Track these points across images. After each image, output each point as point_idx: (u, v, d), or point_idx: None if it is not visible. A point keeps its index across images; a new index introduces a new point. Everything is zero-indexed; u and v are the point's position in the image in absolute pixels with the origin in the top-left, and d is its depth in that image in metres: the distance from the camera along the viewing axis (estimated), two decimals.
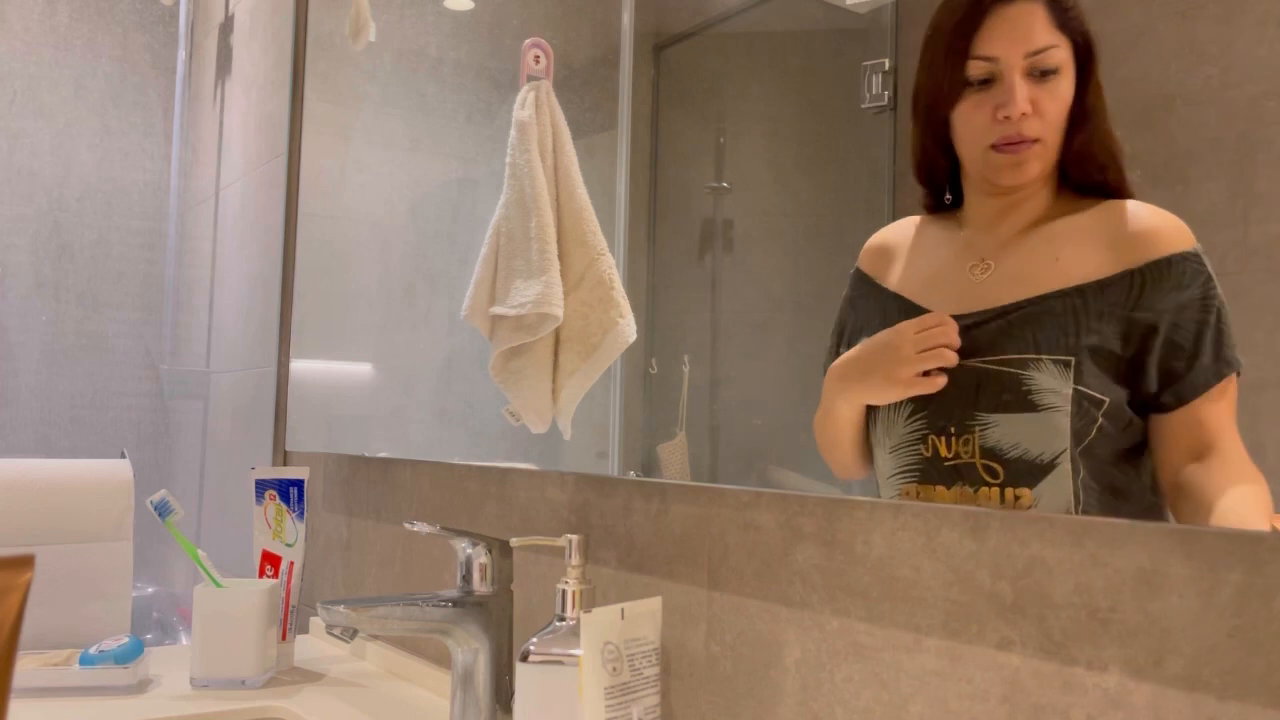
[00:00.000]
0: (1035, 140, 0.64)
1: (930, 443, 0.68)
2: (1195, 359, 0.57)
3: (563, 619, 0.88)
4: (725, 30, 0.89)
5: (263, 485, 1.40)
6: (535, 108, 1.04)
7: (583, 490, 1.04)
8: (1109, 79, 0.60)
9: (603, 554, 1.00)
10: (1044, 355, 0.62)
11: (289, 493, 1.39)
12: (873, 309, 0.71)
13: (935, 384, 0.67)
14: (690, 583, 0.90)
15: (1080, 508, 0.60)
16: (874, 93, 0.73)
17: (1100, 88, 0.61)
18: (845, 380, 0.73)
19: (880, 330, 0.70)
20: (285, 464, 1.78)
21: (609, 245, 0.99)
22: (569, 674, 0.84)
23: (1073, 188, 0.63)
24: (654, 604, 0.84)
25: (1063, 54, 0.62)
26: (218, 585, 1.25)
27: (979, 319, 0.66)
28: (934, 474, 0.67)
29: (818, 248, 0.79)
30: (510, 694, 1.00)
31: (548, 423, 1.04)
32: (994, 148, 0.65)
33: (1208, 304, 0.56)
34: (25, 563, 0.67)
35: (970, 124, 0.66)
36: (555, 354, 1.03)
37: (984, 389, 0.64)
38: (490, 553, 1.01)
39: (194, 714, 1.12)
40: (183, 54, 2.42)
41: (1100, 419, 0.59)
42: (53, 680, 1.18)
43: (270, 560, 1.38)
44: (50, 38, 2.29)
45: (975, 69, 0.65)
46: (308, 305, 1.64)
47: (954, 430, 0.66)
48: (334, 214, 1.57)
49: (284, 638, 1.33)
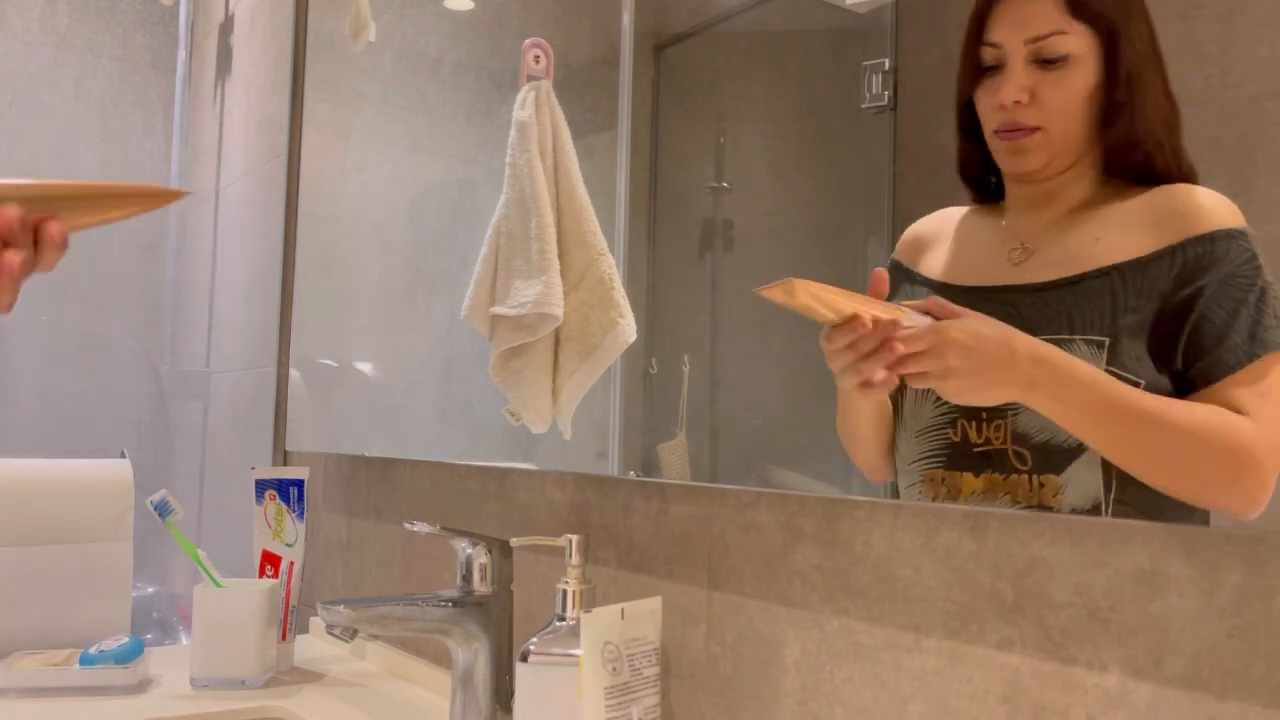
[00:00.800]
0: (1035, 129, 0.63)
1: (960, 427, 0.66)
2: (1226, 338, 0.55)
3: (563, 619, 0.88)
4: (725, 30, 0.89)
5: (263, 485, 1.40)
6: (535, 108, 1.04)
7: (583, 490, 1.04)
8: None
9: (603, 554, 1.00)
10: (1077, 335, 0.60)
11: (289, 493, 1.39)
12: (909, 296, 0.71)
13: (874, 391, 0.65)
14: (690, 583, 0.90)
15: (1113, 495, 0.59)
16: (874, 93, 0.73)
17: (1137, 77, 0.59)
18: None
19: None
20: (285, 464, 1.78)
21: (609, 245, 0.99)
22: (569, 674, 0.84)
23: (1121, 175, 0.61)
24: (654, 604, 0.84)
25: (1074, 42, 0.61)
26: (218, 585, 1.25)
27: (1013, 298, 0.64)
28: (962, 460, 0.66)
29: (818, 248, 0.79)
30: (510, 694, 1.00)
31: (548, 423, 1.04)
32: (996, 133, 0.65)
33: (1250, 283, 0.54)
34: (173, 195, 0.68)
35: (982, 110, 0.66)
36: (555, 354, 1.03)
37: None
38: (490, 553, 1.01)
39: (194, 714, 1.12)
40: (183, 54, 2.42)
41: None
42: (53, 680, 1.18)
43: (270, 560, 1.38)
44: (50, 38, 2.29)
45: (986, 55, 0.65)
46: (308, 305, 1.64)
47: (985, 414, 0.64)
48: (334, 214, 1.57)
49: (284, 638, 1.33)
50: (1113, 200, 0.61)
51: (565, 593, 0.88)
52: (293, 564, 1.37)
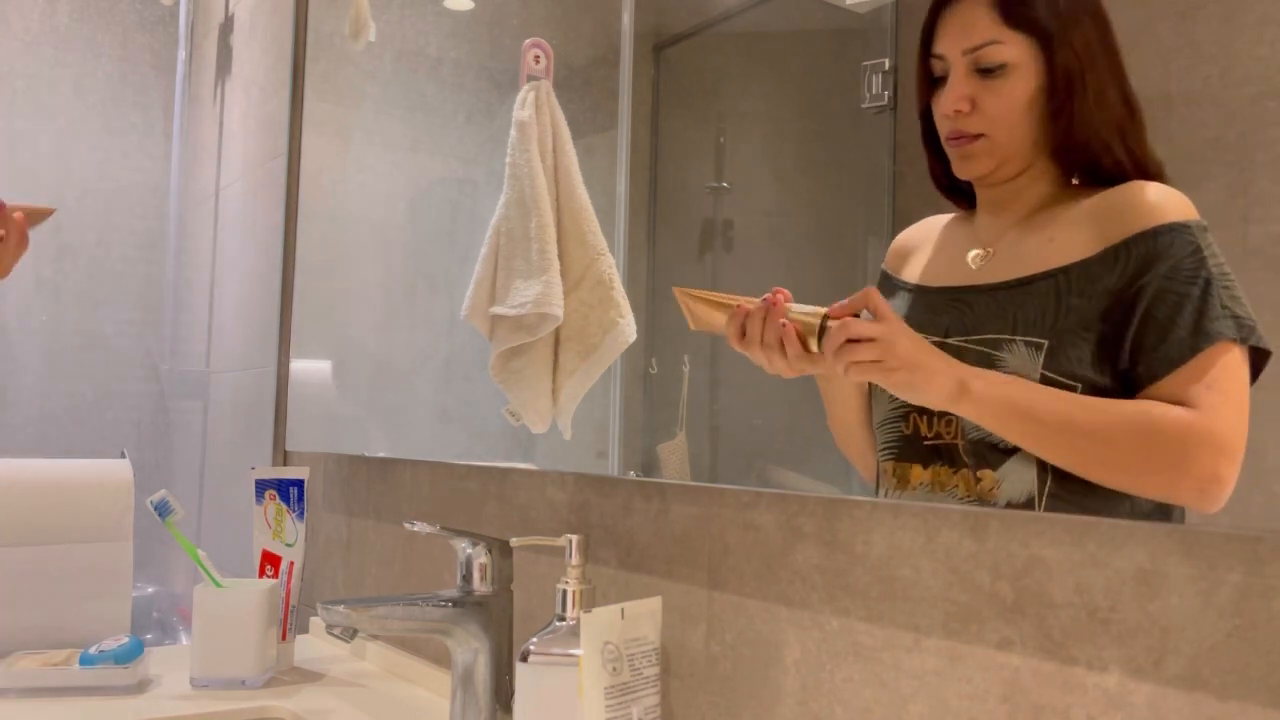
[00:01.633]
0: (978, 135, 0.65)
1: (911, 420, 0.68)
2: (1170, 333, 0.56)
3: (563, 619, 0.88)
4: (725, 30, 0.89)
5: (263, 485, 1.40)
6: (535, 108, 1.04)
7: (583, 490, 1.04)
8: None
9: (603, 554, 1.00)
10: (1018, 336, 0.62)
11: (289, 493, 1.39)
12: (894, 303, 0.72)
13: (786, 368, 0.69)
14: (690, 583, 0.90)
15: (1046, 492, 0.60)
16: (874, 93, 0.73)
17: (1077, 81, 0.60)
18: None
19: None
20: (285, 464, 1.78)
21: (609, 245, 0.99)
22: (569, 674, 0.84)
23: (1081, 176, 0.62)
24: (654, 604, 0.84)
25: (1010, 50, 0.63)
26: (218, 585, 1.25)
27: (964, 297, 0.66)
28: (911, 452, 0.68)
29: (818, 248, 0.79)
30: (510, 694, 1.00)
31: (548, 423, 1.04)
32: (946, 141, 0.67)
33: (1193, 276, 0.55)
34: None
35: (935, 119, 0.67)
36: (555, 354, 1.03)
37: None
38: (490, 553, 1.01)
39: (194, 714, 1.12)
40: (183, 54, 2.42)
41: None
42: (53, 680, 1.18)
43: (270, 560, 1.38)
44: (50, 38, 2.29)
45: (935, 66, 0.67)
46: (308, 305, 1.64)
47: (936, 409, 0.66)
48: (334, 214, 1.57)
49: (284, 638, 1.33)
50: (1070, 201, 0.63)
51: (565, 593, 0.88)
52: (293, 564, 1.37)
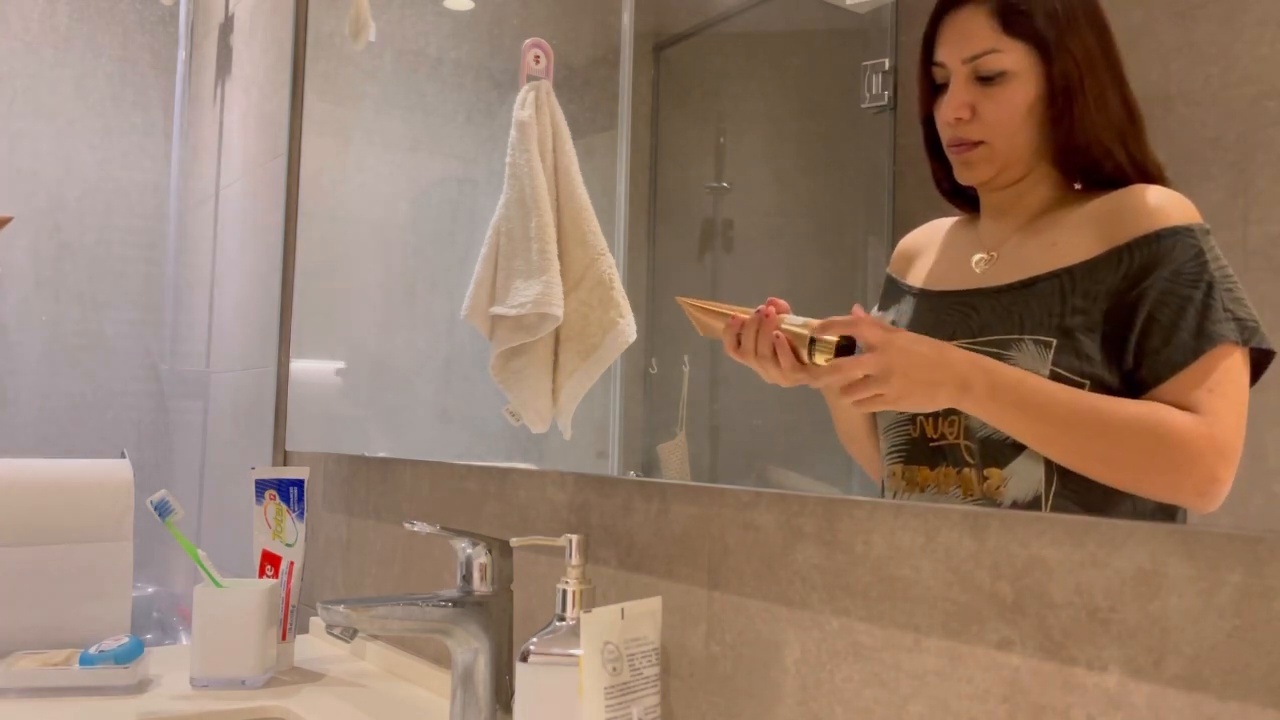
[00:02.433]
0: (978, 143, 0.65)
1: (918, 423, 0.69)
2: (1173, 336, 0.57)
3: (563, 619, 0.88)
4: (725, 30, 0.89)
5: (263, 485, 1.40)
6: (535, 108, 1.04)
7: (583, 490, 1.04)
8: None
9: (603, 554, 1.00)
10: (1026, 335, 0.62)
11: (289, 493, 1.39)
12: (893, 304, 0.73)
13: (782, 379, 0.71)
14: (690, 583, 0.90)
15: (1053, 489, 0.60)
16: (874, 93, 0.73)
17: (1076, 87, 0.61)
18: None
19: (898, 324, 0.71)
20: (285, 464, 1.78)
21: (609, 245, 0.99)
22: (569, 674, 0.84)
23: (1082, 180, 0.63)
24: (654, 604, 0.84)
25: (1009, 58, 0.63)
26: (218, 585, 1.25)
27: (971, 300, 0.66)
28: (919, 454, 0.68)
29: (818, 248, 0.79)
30: (510, 694, 1.00)
31: (548, 423, 1.04)
32: (948, 148, 0.67)
33: (1195, 279, 0.56)
34: None
35: (938, 127, 0.68)
36: (555, 354, 1.03)
37: None
38: (490, 553, 1.01)
39: (194, 714, 1.12)
40: (183, 54, 2.42)
41: None
42: (53, 680, 1.18)
43: (270, 560, 1.38)
44: (50, 38, 2.29)
45: (936, 74, 0.67)
46: (308, 305, 1.64)
47: (941, 411, 0.67)
48: (334, 214, 1.57)
49: (284, 638, 1.33)
50: (1072, 205, 0.63)
51: (565, 593, 0.88)
52: (293, 564, 1.37)
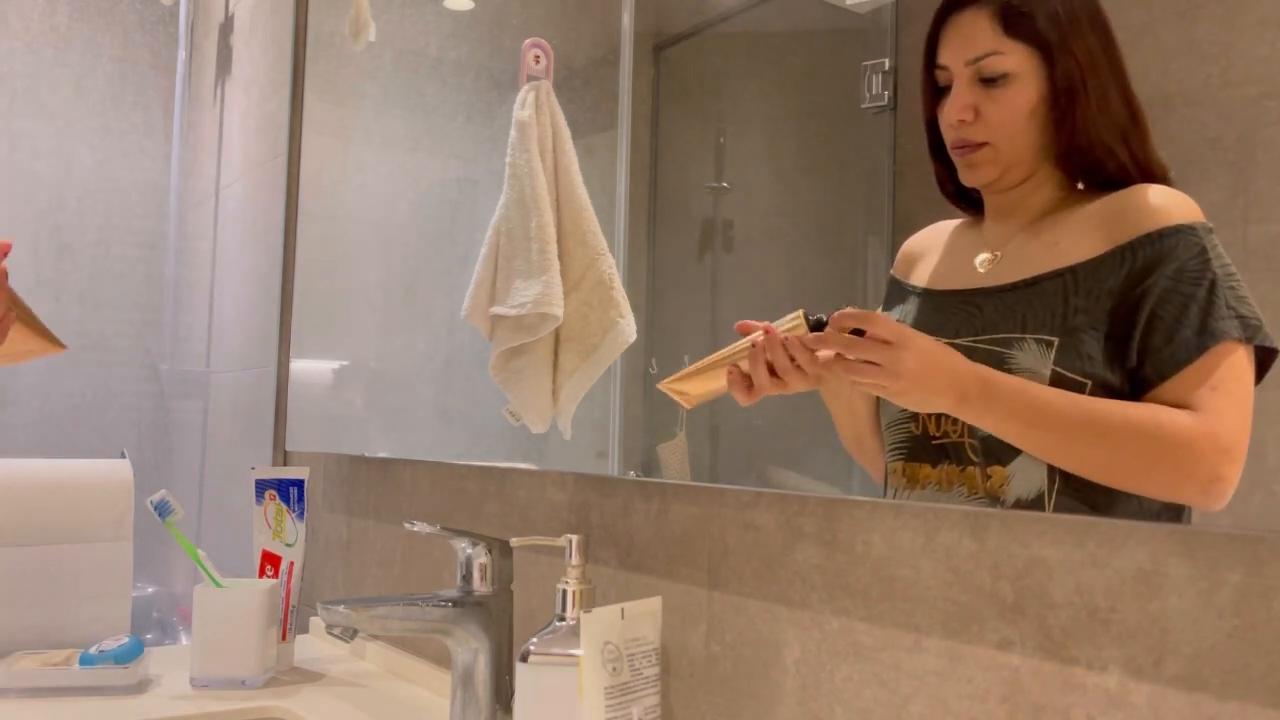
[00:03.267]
0: (981, 144, 0.66)
1: (920, 420, 0.69)
2: (1176, 333, 0.57)
3: (563, 619, 0.88)
4: (725, 30, 0.89)
5: (263, 485, 1.40)
6: (535, 108, 1.04)
7: (583, 490, 1.04)
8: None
9: (603, 554, 1.00)
10: (1029, 335, 0.62)
11: (289, 493, 1.39)
12: (897, 305, 0.73)
13: (798, 386, 0.73)
14: (690, 583, 0.90)
15: (1056, 489, 0.61)
16: (874, 93, 0.73)
17: (1079, 88, 0.61)
18: None
19: (903, 323, 0.71)
20: (285, 464, 1.78)
21: (609, 245, 0.99)
22: (569, 674, 0.84)
23: (1086, 181, 0.63)
24: (654, 604, 0.84)
25: (1011, 60, 0.64)
26: (218, 585, 1.25)
27: (974, 299, 0.67)
28: (921, 451, 0.68)
29: (818, 248, 0.79)
30: (510, 694, 1.00)
31: (548, 423, 1.04)
32: (951, 150, 0.68)
33: (1198, 277, 0.56)
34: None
35: (941, 129, 0.68)
36: (555, 354, 1.03)
37: None
38: (490, 553, 1.01)
39: (194, 714, 1.12)
40: (183, 54, 2.42)
41: None
42: (53, 680, 1.18)
43: (270, 560, 1.38)
44: (50, 38, 2.29)
45: (939, 76, 0.68)
46: (308, 305, 1.64)
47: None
48: (334, 214, 1.57)
49: (284, 638, 1.33)
50: (1076, 206, 0.63)
51: (565, 593, 0.88)
52: (293, 564, 1.37)
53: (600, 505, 1.01)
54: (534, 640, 0.86)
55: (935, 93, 0.68)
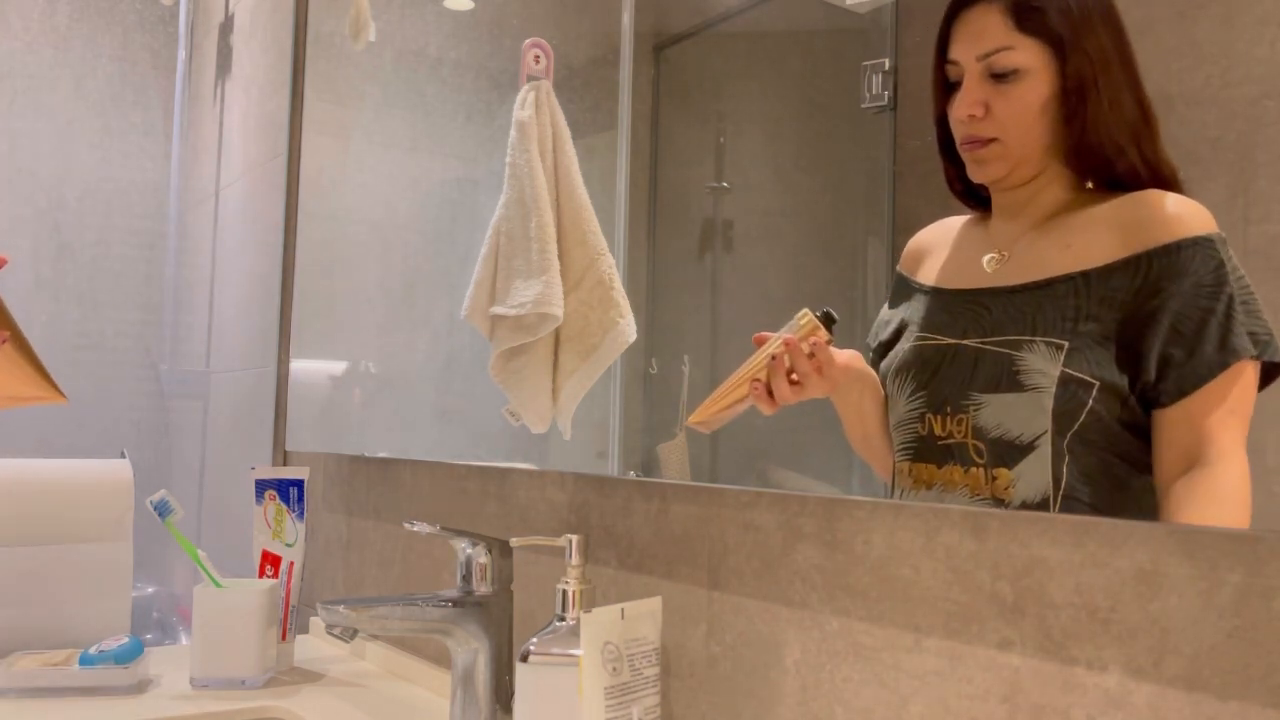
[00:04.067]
0: (991, 140, 0.65)
1: (927, 421, 0.69)
2: (1196, 348, 0.56)
3: (563, 619, 0.88)
4: (725, 30, 0.89)
5: (263, 485, 1.40)
6: (535, 108, 1.04)
7: (583, 490, 1.04)
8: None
9: (603, 554, 1.00)
10: (1038, 337, 0.62)
11: (289, 493, 1.39)
12: (904, 302, 0.73)
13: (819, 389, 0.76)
14: (690, 583, 0.90)
15: (1061, 493, 0.60)
16: (874, 93, 0.73)
17: (1090, 86, 0.61)
18: None
19: (910, 322, 0.71)
20: (285, 464, 1.78)
21: (609, 245, 0.99)
22: (569, 674, 0.84)
23: (1095, 180, 0.63)
24: (654, 604, 0.84)
25: (1024, 56, 0.63)
26: (218, 585, 1.25)
27: (983, 299, 0.66)
28: (927, 452, 0.68)
29: (818, 248, 0.79)
30: (510, 694, 1.00)
31: (548, 423, 1.04)
32: (960, 146, 0.67)
33: (1217, 291, 0.55)
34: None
35: (951, 124, 0.68)
36: (555, 354, 1.03)
37: (979, 368, 0.65)
38: (490, 553, 1.01)
39: (194, 714, 1.12)
40: (183, 54, 2.42)
41: (1091, 404, 0.59)
42: (53, 680, 1.18)
43: (270, 560, 1.38)
44: (50, 37, 2.29)
45: (950, 71, 0.67)
46: (308, 305, 1.64)
47: (950, 409, 0.67)
48: (334, 214, 1.57)
49: (284, 638, 1.33)
50: (1086, 206, 0.63)
51: (565, 593, 0.88)
52: (293, 564, 1.37)
53: (600, 505, 1.01)
54: (534, 640, 0.86)
55: (946, 88, 0.68)
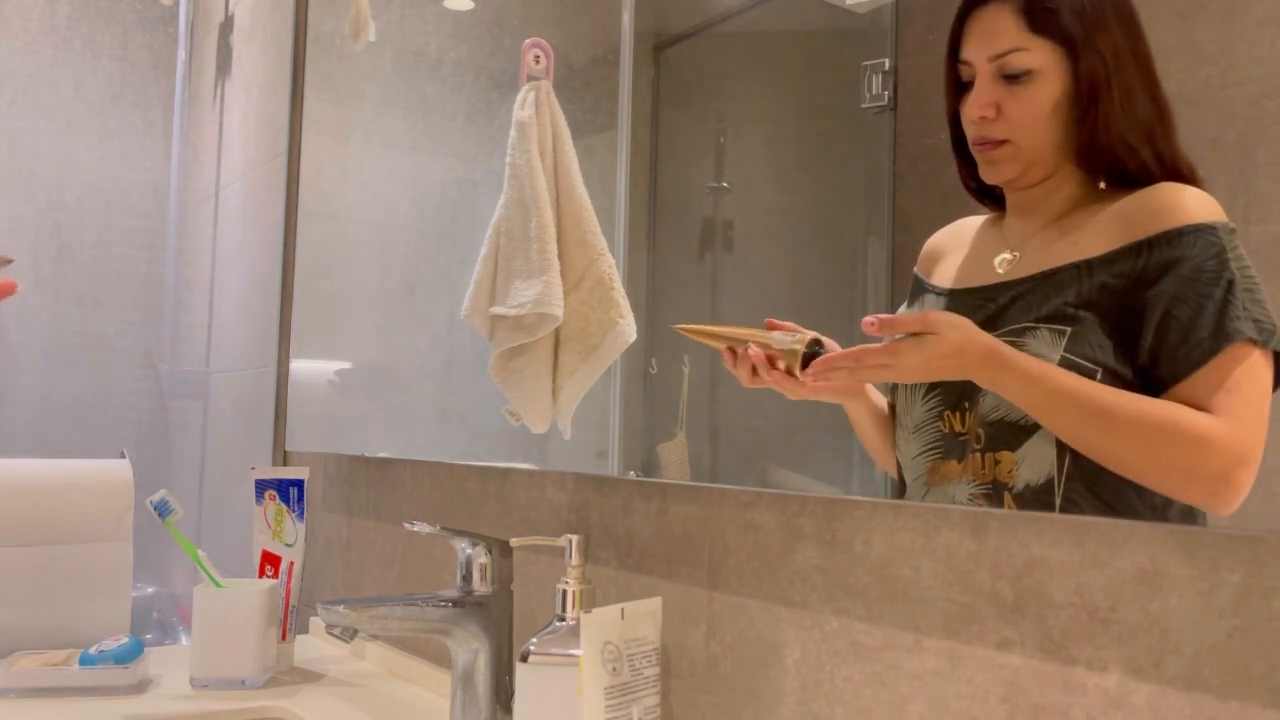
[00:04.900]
0: (1002, 141, 0.65)
1: (946, 419, 0.69)
2: (1191, 333, 0.56)
3: (563, 619, 0.88)
4: (725, 30, 0.89)
5: (263, 485, 1.40)
6: (535, 108, 1.04)
7: (583, 490, 1.04)
8: None
9: (603, 554, 1.00)
10: (1041, 324, 0.62)
11: (289, 493, 1.39)
12: (918, 304, 0.73)
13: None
14: (690, 583, 0.90)
15: (1065, 475, 0.60)
16: (874, 93, 0.73)
17: (1103, 86, 0.61)
18: None
19: None
20: (285, 464, 1.78)
21: (609, 245, 0.99)
22: (569, 674, 0.84)
23: (1108, 179, 0.62)
24: (654, 604, 0.84)
25: (1035, 57, 0.63)
26: (218, 585, 1.25)
27: (992, 294, 0.66)
28: (951, 449, 0.68)
29: (818, 248, 0.79)
30: (510, 694, 1.00)
31: (548, 423, 1.04)
32: (972, 146, 0.67)
33: (1215, 277, 0.55)
34: None
35: (963, 124, 0.68)
36: (555, 354, 1.03)
37: None
38: (490, 553, 1.01)
39: (194, 714, 1.12)
40: (183, 54, 2.42)
41: None
42: (53, 680, 1.18)
43: (270, 560, 1.38)
44: (50, 38, 2.28)
45: (962, 71, 0.67)
46: (308, 305, 1.64)
47: (967, 405, 0.67)
48: (334, 214, 1.57)
49: (284, 638, 1.33)
50: (1098, 205, 0.63)
51: (565, 593, 0.88)
52: (293, 564, 1.37)
53: (600, 505, 1.01)
54: (534, 640, 0.86)
55: (958, 88, 0.67)
